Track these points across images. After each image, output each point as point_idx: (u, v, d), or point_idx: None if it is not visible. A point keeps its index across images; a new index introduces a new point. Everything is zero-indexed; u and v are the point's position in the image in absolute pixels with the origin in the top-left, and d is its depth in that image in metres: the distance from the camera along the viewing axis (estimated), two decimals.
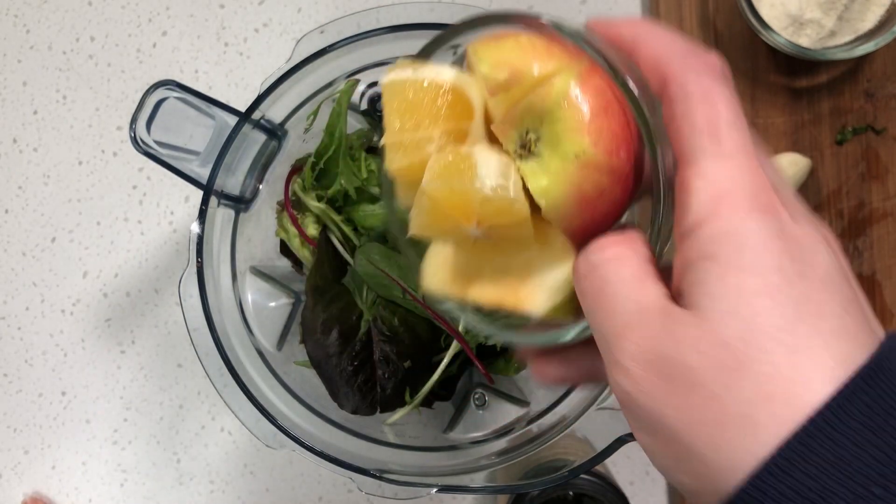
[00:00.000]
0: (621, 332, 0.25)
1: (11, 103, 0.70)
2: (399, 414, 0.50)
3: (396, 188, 0.30)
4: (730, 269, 0.24)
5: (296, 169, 0.52)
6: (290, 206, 0.52)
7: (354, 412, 0.49)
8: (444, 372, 0.50)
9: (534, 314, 0.29)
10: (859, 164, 0.64)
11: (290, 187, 0.52)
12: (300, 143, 0.52)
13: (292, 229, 0.51)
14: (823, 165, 0.64)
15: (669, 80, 0.26)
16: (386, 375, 0.50)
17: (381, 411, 0.50)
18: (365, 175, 0.49)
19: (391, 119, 0.28)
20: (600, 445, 0.45)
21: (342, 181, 0.49)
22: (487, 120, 0.28)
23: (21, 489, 0.70)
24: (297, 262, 0.55)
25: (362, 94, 0.49)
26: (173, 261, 0.69)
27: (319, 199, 0.51)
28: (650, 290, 0.26)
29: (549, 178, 0.26)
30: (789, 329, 0.23)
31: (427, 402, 0.52)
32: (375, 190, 0.50)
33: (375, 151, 0.51)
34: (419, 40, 0.47)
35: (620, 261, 0.26)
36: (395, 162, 0.28)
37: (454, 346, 0.51)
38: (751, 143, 0.26)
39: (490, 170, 0.26)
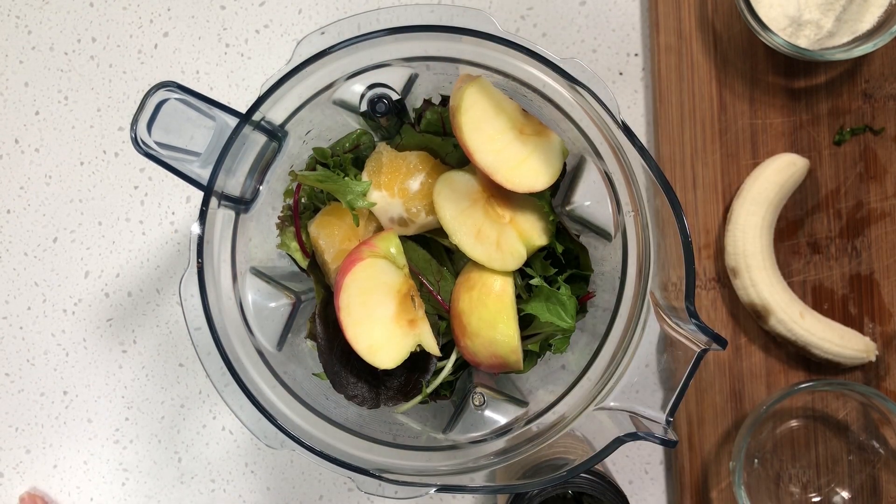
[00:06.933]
0: None
1: (13, 104, 0.70)
2: (407, 405, 0.51)
3: None
4: None
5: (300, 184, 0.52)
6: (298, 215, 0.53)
7: (361, 404, 0.50)
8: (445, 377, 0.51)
9: None
10: (857, 164, 0.64)
11: (297, 196, 0.53)
12: (300, 145, 0.52)
13: (294, 243, 0.52)
14: (822, 166, 0.64)
15: None
16: (388, 374, 0.50)
17: (385, 405, 0.51)
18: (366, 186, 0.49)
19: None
20: (599, 445, 0.45)
21: (346, 200, 0.49)
22: None
23: (23, 488, 0.70)
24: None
25: (362, 96, 0.49)
26: (174, 261, 0.69)
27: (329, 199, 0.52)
28: None
29: None
30: None
31: (432, 397, 0.53)
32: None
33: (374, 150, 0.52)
34: (419, 42, 0.47)
35: None
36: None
37: (455, 353, 0.52)
38: None
39: None
